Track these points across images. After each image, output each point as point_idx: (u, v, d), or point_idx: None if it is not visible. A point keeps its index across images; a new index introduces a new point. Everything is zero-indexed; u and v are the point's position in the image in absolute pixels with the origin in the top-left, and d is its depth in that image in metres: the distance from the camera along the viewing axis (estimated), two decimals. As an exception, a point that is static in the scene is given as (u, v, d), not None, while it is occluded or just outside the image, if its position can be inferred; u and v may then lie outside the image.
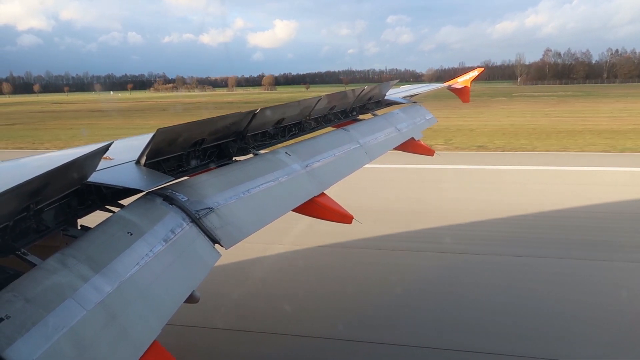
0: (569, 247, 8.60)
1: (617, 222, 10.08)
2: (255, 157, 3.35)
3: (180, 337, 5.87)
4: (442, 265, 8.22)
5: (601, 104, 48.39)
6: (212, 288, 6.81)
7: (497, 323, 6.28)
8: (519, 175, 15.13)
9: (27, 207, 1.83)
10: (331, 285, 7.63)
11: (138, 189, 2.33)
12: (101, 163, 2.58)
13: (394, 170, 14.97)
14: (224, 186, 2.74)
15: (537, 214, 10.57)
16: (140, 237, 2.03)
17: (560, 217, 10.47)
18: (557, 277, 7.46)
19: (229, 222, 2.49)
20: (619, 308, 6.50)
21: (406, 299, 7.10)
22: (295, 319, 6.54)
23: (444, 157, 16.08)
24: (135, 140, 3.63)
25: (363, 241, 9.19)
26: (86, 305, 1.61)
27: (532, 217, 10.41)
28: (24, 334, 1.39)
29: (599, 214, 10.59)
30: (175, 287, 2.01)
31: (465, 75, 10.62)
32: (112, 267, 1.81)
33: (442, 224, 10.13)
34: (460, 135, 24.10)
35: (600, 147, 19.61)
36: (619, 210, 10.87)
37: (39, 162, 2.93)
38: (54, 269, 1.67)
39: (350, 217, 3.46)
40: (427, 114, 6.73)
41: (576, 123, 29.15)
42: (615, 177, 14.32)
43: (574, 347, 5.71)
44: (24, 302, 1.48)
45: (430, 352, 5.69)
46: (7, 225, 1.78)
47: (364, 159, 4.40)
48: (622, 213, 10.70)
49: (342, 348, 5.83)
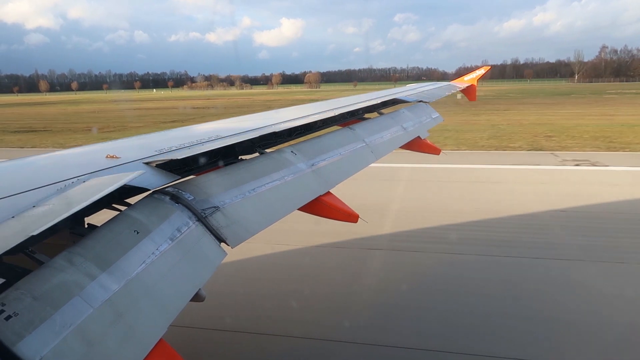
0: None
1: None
2: (261, 156, 3.35)
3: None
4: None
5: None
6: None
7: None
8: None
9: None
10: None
11: (145, 187, 2.34)
12: (107, 162, 2.59)
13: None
14: (230, 185, 2.75)
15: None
16: (147, 236, 2.04)
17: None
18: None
19: (234, 221, 2.50)
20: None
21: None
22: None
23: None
24: (141, 139, 3.65)
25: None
26: (93, 303, 1.62)
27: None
28: (32, 330, 1.41)
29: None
30: (181, 285, 2.02)
31: (471, 74, 10.58)
32: (118, 266, 1.82)
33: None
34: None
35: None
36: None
37: (43, 161, 2.95)
38: (62, 267, 1.68)
39: (356, 216, 3.46)
40: (433, 113, 6.71)
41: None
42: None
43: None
44: (32, 299, 1.49)
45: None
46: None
47: (370, 157, 4.39)
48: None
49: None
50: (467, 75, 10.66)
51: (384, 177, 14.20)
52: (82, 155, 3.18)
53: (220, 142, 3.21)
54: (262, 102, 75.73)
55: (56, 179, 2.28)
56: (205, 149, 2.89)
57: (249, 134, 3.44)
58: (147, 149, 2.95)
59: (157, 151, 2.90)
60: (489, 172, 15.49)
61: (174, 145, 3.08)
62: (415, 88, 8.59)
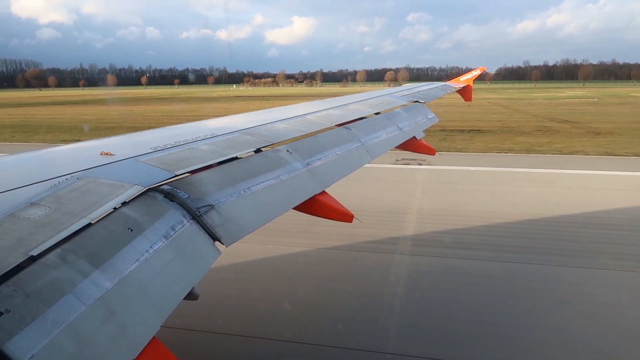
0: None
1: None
2: (256, 155, 3.34)
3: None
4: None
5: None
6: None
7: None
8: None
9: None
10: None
11: (139, 185, 2.33)
12: (102, 159, 2.58)
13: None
14: (225, 183, 2.74)
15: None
16: (141, 234, 2.03)
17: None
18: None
19: (229, 220, 2.49)
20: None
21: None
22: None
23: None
24: (135, 136, 3.64)
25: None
26: (86, 301, 1.61)
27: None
28: (23, 328, 1.39)
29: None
30: (174, 284, 2.01)
31: (467, 74, 10.62)
32: (112, 263, 1.81)
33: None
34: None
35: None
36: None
37: (38, 158, 2.93)
38: (54, 264, 1.67)
39: (350, 215, 3.46)
40: (429, 113, 6.72)
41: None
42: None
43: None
44: (23, 296, 1.48)
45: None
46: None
47: (365, 157, 4.39)
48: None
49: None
50: (463, 75, 10.70)
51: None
52: (76, 152, 3.16)
53: (216, 140, 3.20)
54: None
55: (50, 175, 2.26)
56: (204, 149, 2.87)
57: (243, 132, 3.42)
58: (141, 146, 2.93)
59: (152, 149, 2.89)
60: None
61: (169, 143, 3.06)
62: (411, 88, 8.60)
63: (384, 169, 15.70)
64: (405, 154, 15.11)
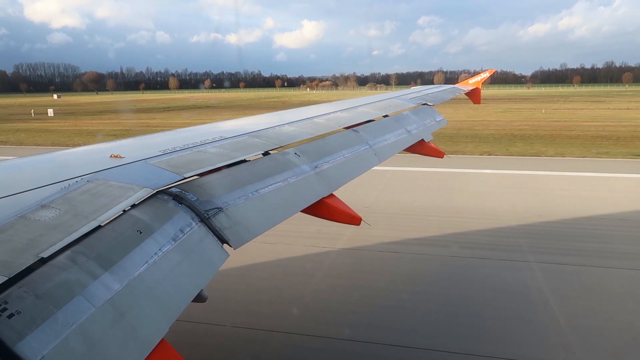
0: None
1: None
2: (264, 158, 3.34)
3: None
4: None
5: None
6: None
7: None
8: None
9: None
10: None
11: (148, 187, 2.35)
12: (111, 161, 2.60)
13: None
14: (233, 186, 2.74)
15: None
16: (150, 236, 2.04)
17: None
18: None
19: (237, 222, 2.49)
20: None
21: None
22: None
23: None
24: (145, 139, 3.66)
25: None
26: (95, 303, 1.62)
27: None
28: (34, 329, 1.40)
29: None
30: (183, 286, 2.01)
31: (476, 77, 10.56)
32: (121, 265, 1.82)
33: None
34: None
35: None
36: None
37: (48, 160, 2.96)
38: (65, 266, 1.68)
39: (358, 218, 3.44)
40: (438, 116, 6.68)
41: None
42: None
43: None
44: (34, 298, 1.49)
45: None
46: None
47: (373, 160, 4.37)
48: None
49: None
50: (472, 78, 10.65)
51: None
52: (86, 155, 3.19)
53: (224, 142, 3.21)
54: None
55: (61, 177, 2.28)
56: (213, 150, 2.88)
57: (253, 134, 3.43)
58: (150, 148, 2.95)
59: (161, 151, 2.90)
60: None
61: (178, 146, 3.08)
62: (420, 91, 8.57)
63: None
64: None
